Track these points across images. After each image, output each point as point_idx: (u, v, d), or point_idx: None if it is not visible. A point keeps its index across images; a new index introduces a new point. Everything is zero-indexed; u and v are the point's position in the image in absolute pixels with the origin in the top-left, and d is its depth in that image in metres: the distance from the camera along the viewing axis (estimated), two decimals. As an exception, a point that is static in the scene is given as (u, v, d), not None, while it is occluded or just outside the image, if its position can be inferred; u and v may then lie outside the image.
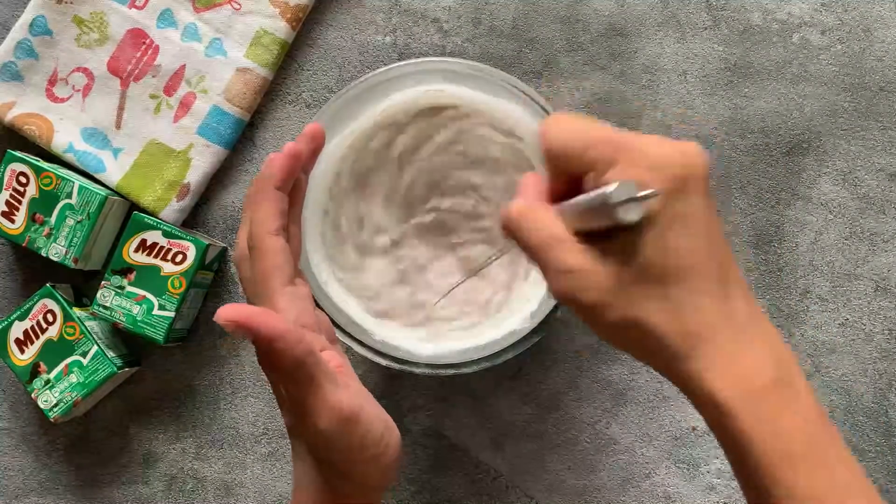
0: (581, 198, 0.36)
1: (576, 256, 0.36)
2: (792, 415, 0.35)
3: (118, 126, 0.60)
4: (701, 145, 0.37)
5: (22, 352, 0.57)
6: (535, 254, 0.38)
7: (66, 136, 0.59)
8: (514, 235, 0.39)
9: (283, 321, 0.37)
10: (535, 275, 0.53)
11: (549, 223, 0.37)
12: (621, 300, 0.36)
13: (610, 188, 0.33)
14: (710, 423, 0.37)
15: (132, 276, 0.56)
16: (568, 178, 0.38)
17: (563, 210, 0.38)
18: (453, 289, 0.53)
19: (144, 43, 0.59)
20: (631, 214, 0.34)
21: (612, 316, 0.36)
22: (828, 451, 0.35)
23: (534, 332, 0.50)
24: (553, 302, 0.50)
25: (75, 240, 0.56)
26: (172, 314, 0.56)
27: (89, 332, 0.56)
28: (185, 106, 0.59)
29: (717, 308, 0.36)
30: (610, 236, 0.36)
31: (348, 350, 0.53)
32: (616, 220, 0.34)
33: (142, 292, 0.56)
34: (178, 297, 0.56)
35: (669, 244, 0.35)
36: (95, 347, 0.56)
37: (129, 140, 0.59)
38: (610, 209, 0.34)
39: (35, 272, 0.61)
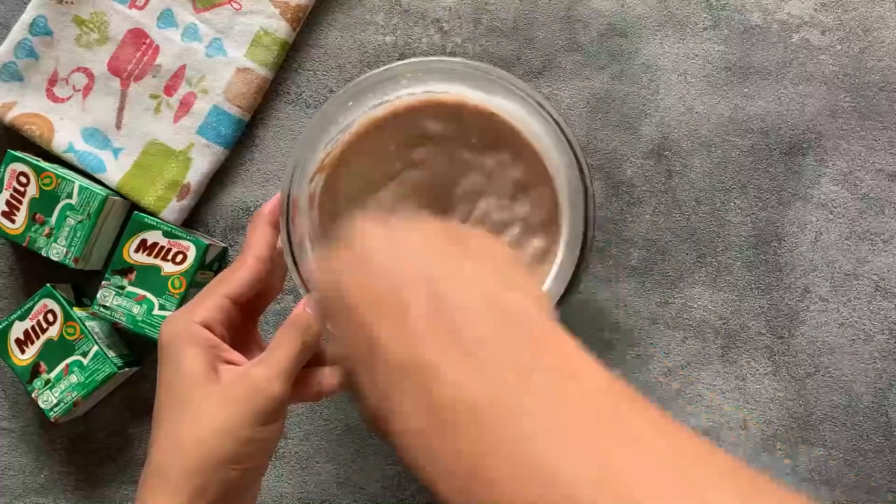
0: None
1: None
2: None
3: (118, 126, 0.60)
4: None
5: (22, 352, 0.57)
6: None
7: (66, 136, 0.59)
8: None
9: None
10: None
11: None
12: None
13: None
14: None
15: (132, 276, 0.56)
16: None
17: None
18: None
19: (145, 43, 0.59)
20: None
21: None
22: None
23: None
24: (552, 301, 0.50)
25: (75, 240, 0.56)
26: (173, 314, 0.56)
27: (89, 332, 0.56)
28: (185, 106, 0.59)
29: None
30: None
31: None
32: None
33: (142, 292, 0.56)
34: (178, 297, 0.56)
35: None
36: (96, 347, 0.56)
37: (129, 140, 0.59)
38: None
39: (35, 272, 0.61)
